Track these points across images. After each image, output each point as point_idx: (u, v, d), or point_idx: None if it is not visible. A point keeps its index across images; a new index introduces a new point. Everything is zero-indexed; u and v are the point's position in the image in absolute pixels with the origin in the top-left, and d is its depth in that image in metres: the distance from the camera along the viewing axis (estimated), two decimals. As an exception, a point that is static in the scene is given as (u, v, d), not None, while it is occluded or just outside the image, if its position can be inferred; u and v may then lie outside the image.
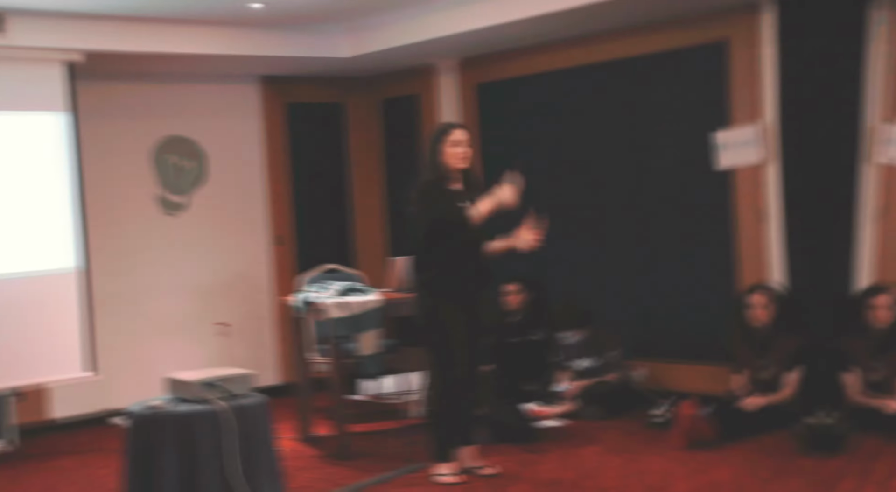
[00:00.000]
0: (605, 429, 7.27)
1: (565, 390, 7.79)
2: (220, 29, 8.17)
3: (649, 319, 8.11)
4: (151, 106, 8.86)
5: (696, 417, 6.56)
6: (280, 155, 9.60)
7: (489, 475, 6.13)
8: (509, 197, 5.91)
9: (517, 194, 5.95)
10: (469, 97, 9.30)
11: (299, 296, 7.24)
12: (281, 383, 9.30)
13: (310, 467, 6.68)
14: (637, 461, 6.32)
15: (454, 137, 6.03)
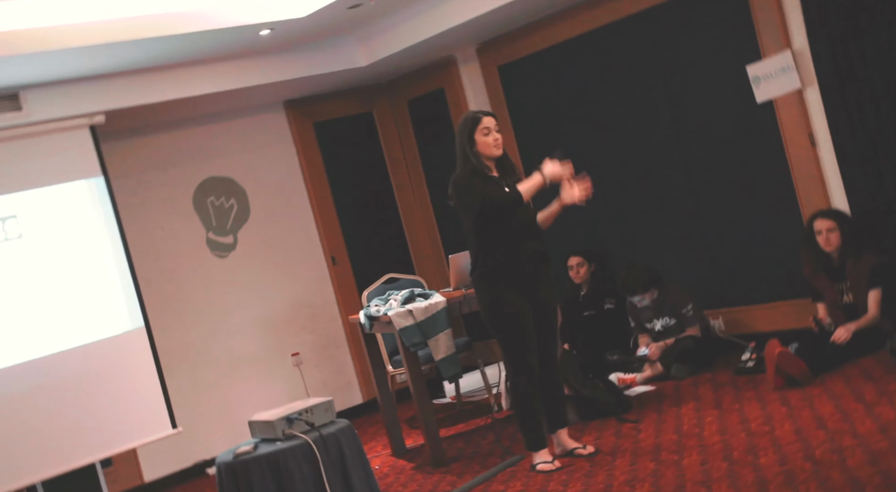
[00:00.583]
0: (696, 385, 7.15)
1: (648, 353, 7.68)
2: (234, 62, 8.13)
3: (717, 267, 7.97)
4: (181, 152, 8.82)
5: (786, 354, 6.43)
6: (318, 175, 9.53)
7: (588, 455, 6.03)
8: (554, 171, 5.86)
9: (562, 168, 5.87)
10: (493, 82, 9.19)
11: (362, 313, 7.17)
12: (366, 401, 9.30)
13: (408, 481, 6.62)
14: (736, 411, 6.19)
15: (483, 126, 5.94)
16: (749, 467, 5.03)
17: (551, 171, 5.86)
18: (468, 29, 8.23)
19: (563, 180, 5.92)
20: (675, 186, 8.09)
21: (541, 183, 5.86)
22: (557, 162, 5.89)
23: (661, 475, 5.30)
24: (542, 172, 5.87)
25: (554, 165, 5.88)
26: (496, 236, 5.87)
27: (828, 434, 5.23)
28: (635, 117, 8.20)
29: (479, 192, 5.84)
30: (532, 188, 5.86)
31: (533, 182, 5.86)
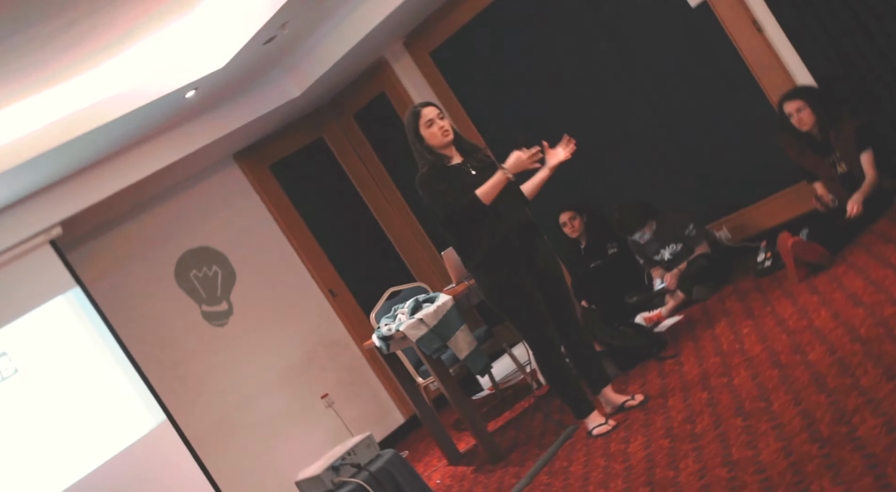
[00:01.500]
0: (721, 301, 7.00)
1: (665, 285, 7.54)
2: (171, 132, 8.01)
3: (704, 180, 7.84)
4: (148, 237, 8.71)
5: (800, 243, 6.29)
6: (290, 215, 9.41)
7: (640, 404, 5.87)
8: (518, 163, 5.67)
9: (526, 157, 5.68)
10: (429, 70, 9.04)
11: (374, 336, 7.02)
12: (408, 419, 9.20)
13: (471, 485, 6.46)
14: (769, 315, 6.03)
15: (425, 119, 5.78)
16: (801, 367, 4.87)
17: (514, 164, 5.67)
18: (388, 26, 8.07)
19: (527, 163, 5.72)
20: (639, 115, 7.94)
21: (503, 180, 5.65)
22: (521, 152, 5.69)
23: (717, 402, 5.14)
24: (505, 167, 5.66)
25: (517, 157, 5.67)
26: (475, 225, 5.71)
27: (867, 309, 5.07)
28: (580, 60, 8.04)
29: (442, 201, 5.68)
30: (493, 187, 5.63)
31: (494, 181, 5.64)
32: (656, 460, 4.87)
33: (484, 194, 5.62)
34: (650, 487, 4.60)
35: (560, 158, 5.85)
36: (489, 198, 5.62)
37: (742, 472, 4.13)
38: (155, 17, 6.31)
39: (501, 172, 5.64)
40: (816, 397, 4.38)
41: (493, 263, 5.74)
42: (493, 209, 5.68)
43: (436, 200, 5.72)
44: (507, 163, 5.66)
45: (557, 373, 5.90)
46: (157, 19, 6.37)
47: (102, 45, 6.24)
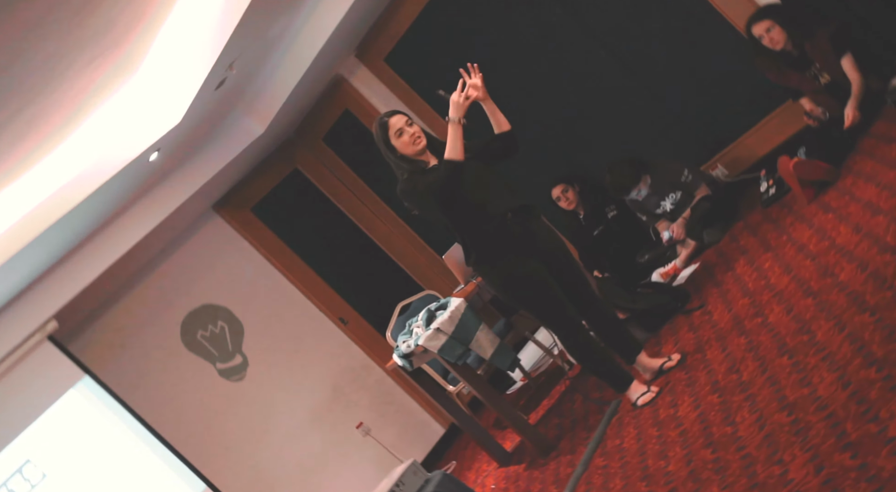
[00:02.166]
0: (734, 239, 6.80)
1: (672, 236, 7.33)
2: (145, 198, 7.86)
3: (687, 122, 7.68)
4: (146, 308, 8.56)
5: (801, 163, 6.09)
6: (282, 253, 9.26)
7: (678, 363, 5.66)
8: (456, 105, 5.37)
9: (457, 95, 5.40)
10: (388, 76, 8.86)
11: (395, 356, 6.82)
12: (448, 428, 9.05)
13: (527, 484, 6.23)
14: (787, 243, 5.83)
15: (394, 129, 5.57)
16: (834, 290, 4.65)
17: (455, 109, 5.37)
18: (336, 42, 7.87)
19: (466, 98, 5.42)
20: (608, 73, 7.76)
21: (457, 129, 5.35)
22: (453, 96, 5.41)
23: (757, 345, 4.92)
24: (449, 117, 5.38)
25: (453, 102, 5.38)
26: (468, 217, 5.51)
27: (887, 215, 4.85)
28: (537, 30, 7.84)
29: (420, 191, 5.46)
30: (453, 141, 5.35)
31: (451, 136, 5.36)
32: (710, 419, 4.65)
33: (451, 152, 5.34)
34: (711, 447, 4.39)
35: (478, 85, 5.49)
36: (457, 152, 5.32)
37: (802, 412, 3.91)
38: (99, 89, 6.11)
39: (451, 124, 5.36)
40: (860, 318, 4.16)
41: (496, 256, 5.55)
42: (479, 203, 5.48)
43: (422, 198, 5.49)
44: (450, 113, 5.38)
45: (587, 352, 5.70)
46: (101, 90, 6.17)
47: (52, 128, 6.05)
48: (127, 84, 6.45)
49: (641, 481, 4.73)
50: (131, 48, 5.93)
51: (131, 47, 5.92)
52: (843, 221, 5.30)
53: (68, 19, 4.89)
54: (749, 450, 4.05)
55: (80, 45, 5.30)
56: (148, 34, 5.99)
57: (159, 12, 5.81)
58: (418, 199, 5.52)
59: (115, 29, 5.46)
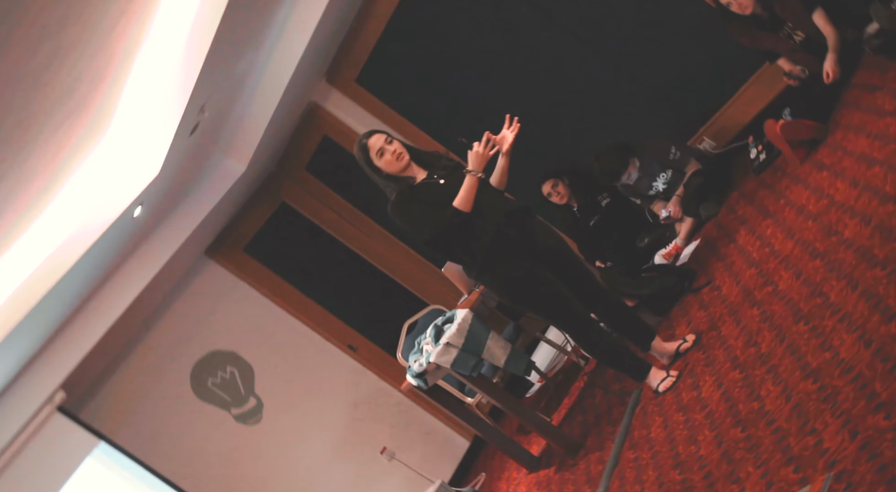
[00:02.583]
0: (732, 210, 6.71)
1: (670, 214, 7.23)
2: (135, 254, 7.74)
3: (666, 99, 7.56)
4: (153, 363, 8.46)
5: (787, 124, 5.99)
6: (280, 288, 9.16)
7: (694, 344, 5.55)
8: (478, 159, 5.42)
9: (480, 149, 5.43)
10: (362, 97, 8.77)
11: (409, 374, 6.70)
12: (472, 440, 8.96)
13: (560, 486, 6.11)
14: (786, 207, 5.73)
15: (374, 150, 5.51)
16: (841, 248, 4.55)
17: (476, 161, 5.41)
18: (304, 70, 7.78)
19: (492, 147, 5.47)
20: (580, 62, 7.70)
21: (474, 183, 5.39)
22: (476, 146, 5.44)
23: (771, 315, 4.81)
24: (470, 169, 5.42)
25: (475, 154, 5.42)
26: (463, 234, 5.43)
27: (883, 165, 4.75)
28: (504, 29, 7.78)
29: (423, 226, 5.44)
30: (467, 192, 5.39)
31: (466, 187, 5.39)
32: (735, 396, 4.55)
33: (461, 203, 5.39)
34: (740, 426, 4.28)
35: (509, 140, 5.57)
36: (468, 204, 5.39)
37: (828, 377, 3.81)
38: (73, 152, 5.99)
39: (469, 176, 5.40)
40: (871, 273, 4.05)
41: (496, 262, 5.46)
42: (474, 210, 5.41)
43: (415, 226, 5.48)
44: (470, 164, 5.41)
45: (601, 346, 5.62)
46: (75, 152, 6.04)
47: (31, 198, 5.91)
48: (100, 142, 6.33)
49: (674, 470, 4.61)
50: (100, 105, 5.83)
51: (100, 104, 5.82)
52: (839, 177, 5.19)
53: (31, 84, 4.79)
54: (779, 423, 3.94)
55: (46, 110, 5.19)
56: (114, 89, 5.88)
57: (123, 64, 5.71)
58: (411, 224, 5.52)
59: (81, 87, 5.35)
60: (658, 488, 4.65)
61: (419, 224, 5.45)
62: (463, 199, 5.37)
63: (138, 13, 5.34)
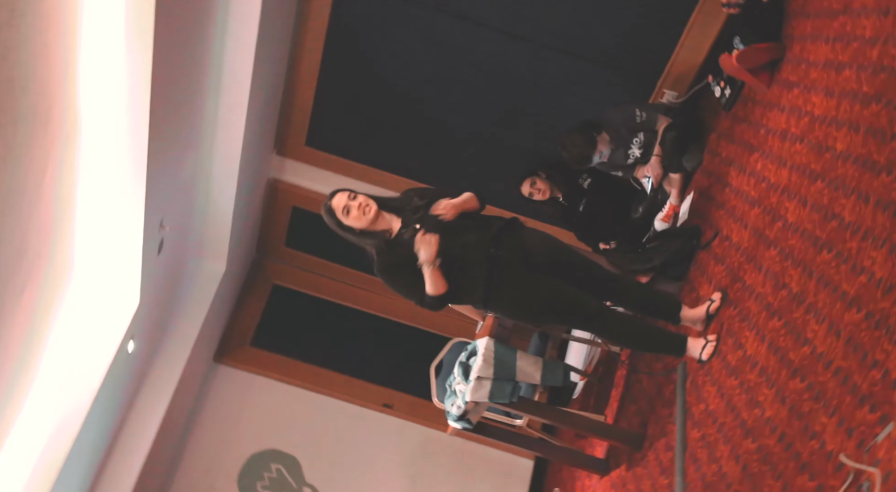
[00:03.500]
0: (714, 154, 6.50)
1: (653, 178, 6.99)
2: (144, 387, 7.50)
3: (614, 64, 7.36)
4: (196, 485, 8.23)
5: (742, 54, 5.77)
6: (301, 369, 8.95)
7: (722, 301, 5.31)
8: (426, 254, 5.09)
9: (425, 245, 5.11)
10: (315, 158, 8.59)
11: (450, 419, 6.46)
12: (536, 459, 8.77)
13: (636, 484, 5.85)
14: (767, 135, 5.50)
15: (340, 210, 5.31)
16: (839, 163, 4.31)
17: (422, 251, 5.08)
18: (250, 151, 7.55)
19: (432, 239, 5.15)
20: (516, 56, 7.50)
21: (432, 270, 5.12)
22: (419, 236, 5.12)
23: (790, 251, 4.57)
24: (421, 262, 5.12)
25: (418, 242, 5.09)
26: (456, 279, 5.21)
27: (852, 67, 4.52)
28: (433, 45, 7.58)
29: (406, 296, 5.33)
30: (433, 279, 5.15)
31: (428, 276, 5.14)
32: (782, 346, 4.30)
33: (432, 289, 5.19)
34: (798, 376, 4.03)
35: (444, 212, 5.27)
36: (438, 287, 5.18)
37: (871, 302, 3.56)
38: (43, 315, 5.74)
39: (426, 266, 5.12)
40: (878, 181, 3.81)
41: (497, 290, 5.25)
42: (457, 256, 5.17)
43: (406, 295, 5.34)
44: (420, 256, 5.09)
45: (629, 335, 5.44)
46: (46, 315, 5.79)
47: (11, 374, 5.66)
48: (67, 292, 6.09)
49: (746, 439, 4.37)
50: (54, 256, 5.60)
51: (53, 255, 5.59)
52: (811, 91, 4.95)
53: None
54: (837, 363, 3.70)
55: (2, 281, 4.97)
56: (63, 235, 5.66)
57: (64, 209, 5.49)
58: (397, 291, 5.39)
59: (29, 248, 5.14)
60: (735, 462, 4.40)
61: (408, 293, 5.29)
62: (431, 286, 5.17)
63: (60, 153, 5.13)
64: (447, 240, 5.13)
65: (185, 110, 6.41)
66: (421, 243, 5.07)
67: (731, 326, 5.05)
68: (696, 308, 5.45)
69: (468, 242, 5.20)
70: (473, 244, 5.20)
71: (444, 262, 5.12)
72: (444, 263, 5.12)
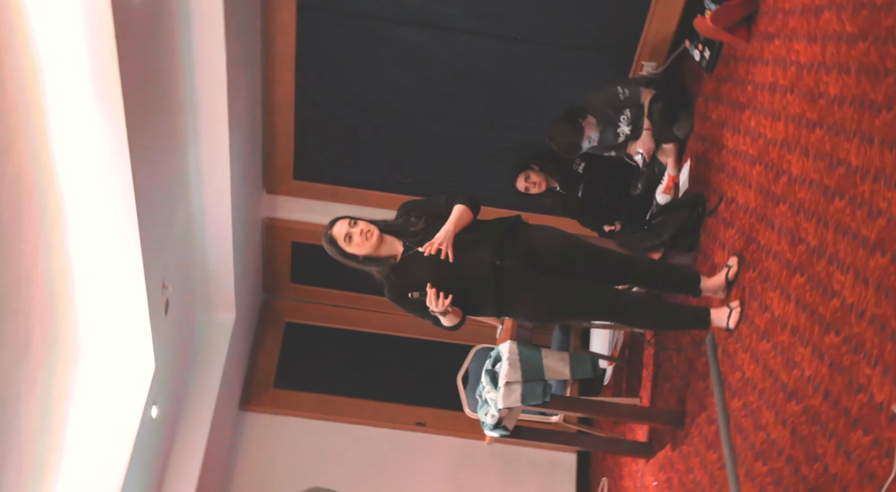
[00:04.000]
0: (704, 118, 6.41)
1: (644, 153, 6.88)
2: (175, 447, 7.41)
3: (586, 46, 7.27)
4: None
5: (716, 13, 5.69)
6: (328, 402, 8.85)
7: (739, 264, 5.21)
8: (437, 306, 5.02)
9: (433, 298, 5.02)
10: (306, 189, 8.47)
11: (486, 429, 6.36)
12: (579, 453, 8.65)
13: (683, 463, 5.74)
14: (755, 91, 5.40)
15: (341, 239, 5.20)
16: (833, 108, 4.21)
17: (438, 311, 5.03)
18: (240, 195, 7.42)
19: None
20: (487, 54, 7.39)
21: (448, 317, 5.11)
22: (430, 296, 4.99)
23: (800, 204, 4.47)
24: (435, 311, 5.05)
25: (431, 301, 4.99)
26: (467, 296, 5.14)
27: (830, 9, 4.40)
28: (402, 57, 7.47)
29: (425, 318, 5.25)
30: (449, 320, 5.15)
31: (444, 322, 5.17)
32: (809, 301, 4.20)
33: (448, 323, 5.20)
34: (832, 330, 3.93)
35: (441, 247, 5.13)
36: (454, 320, 5.17)
37: (895, 244, 3.46)
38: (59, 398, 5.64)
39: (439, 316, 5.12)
40: (879, 120, 3.71)
41: (510, 297, 5.16)
42: (465, 274, 5.09)
43: (417, 316, 5.29)
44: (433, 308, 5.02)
45: (652, 317, 5.38)
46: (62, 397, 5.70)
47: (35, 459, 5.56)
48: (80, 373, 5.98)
49: (790, 402, 4.26)
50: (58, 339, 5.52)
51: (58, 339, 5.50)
52: (793, 39, 4.85)
53: None
54: (871, 311, 3.60)
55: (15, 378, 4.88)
56: (66, 316, 5.58)
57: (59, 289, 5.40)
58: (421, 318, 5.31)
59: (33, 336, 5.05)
60: (783, 427, 4.30)
61: (423, 315, 5.21)
62: (446, 321, 5.18)
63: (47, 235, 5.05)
64: (451, 271, 5.07)
65: (168, 167, 6.31)
66: (432, 303, 4.99)
67: (753, 289, 4.94)
68: (714, 277, 5.35)
69: (472, 261, 5.10)
70: (478, 262, 5.10)
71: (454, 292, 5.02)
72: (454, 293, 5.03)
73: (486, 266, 5.07)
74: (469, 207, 5.19)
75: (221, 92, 6.44)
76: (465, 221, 5.15)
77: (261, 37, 7.34)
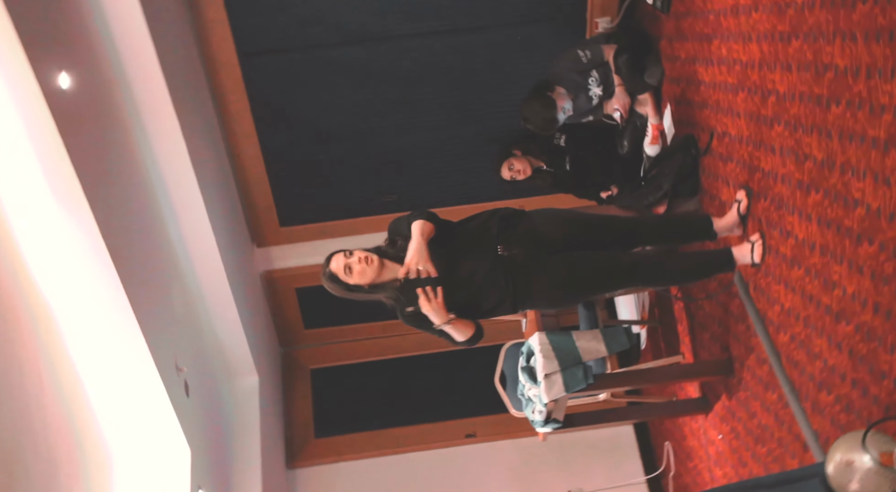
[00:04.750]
0: (674, 60, 6.25)
1: (621, 106, 6.70)
2: None
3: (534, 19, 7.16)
4: None
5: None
6: (375, 437, 8.75)
7: (748, 197, 5.04)
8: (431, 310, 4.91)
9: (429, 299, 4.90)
10: (296, 233, 8.38)
11: (537, 426, 6.19)
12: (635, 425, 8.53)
13: (745, 406, 5.55)
14: (718, 18, 5.23)
15: (342, 270, 5.01)
16: (806, 14, 3.99)
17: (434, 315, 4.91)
18: (231, 257, 7.30)
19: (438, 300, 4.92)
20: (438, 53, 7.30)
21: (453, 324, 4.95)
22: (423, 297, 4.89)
23: (795, 121, 4.28)
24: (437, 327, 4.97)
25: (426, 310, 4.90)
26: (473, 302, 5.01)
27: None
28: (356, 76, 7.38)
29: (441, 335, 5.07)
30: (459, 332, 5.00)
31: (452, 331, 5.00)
32: (832, 217, 4.01)
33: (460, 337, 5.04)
34: (865, 240, 3.73)
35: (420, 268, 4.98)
36: (466, 332, 5.02)
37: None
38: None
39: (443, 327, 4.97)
40: (857, 14, 3.51)
41: (525, 289, 4.99)
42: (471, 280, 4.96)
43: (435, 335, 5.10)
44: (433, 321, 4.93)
45: (674, 272, 5.20)
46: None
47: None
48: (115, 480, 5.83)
49: (839, 323, 4.07)
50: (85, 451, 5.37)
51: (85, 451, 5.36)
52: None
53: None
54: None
55: None
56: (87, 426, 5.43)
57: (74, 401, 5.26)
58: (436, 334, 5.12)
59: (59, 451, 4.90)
60: (839, 351, 4.11)
61: (440, 335, 5.06)
62: (458, 335, 5.02)
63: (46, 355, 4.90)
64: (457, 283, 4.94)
65: (150, 251, 6.18)
66: (428, 311, 4.88)
67: (769, 218, 4.76)
68: (726, 216, 5.19)
69: (473, 266, 4.96)
70: (479, 264, 4.96)
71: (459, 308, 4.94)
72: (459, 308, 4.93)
73: (488, 265, 4.92)
74: (425, 219, 5.01)
75: (185, 163, 6.31)
76: (427, 232, 4.97)
77: (211, 98, 7.22)
